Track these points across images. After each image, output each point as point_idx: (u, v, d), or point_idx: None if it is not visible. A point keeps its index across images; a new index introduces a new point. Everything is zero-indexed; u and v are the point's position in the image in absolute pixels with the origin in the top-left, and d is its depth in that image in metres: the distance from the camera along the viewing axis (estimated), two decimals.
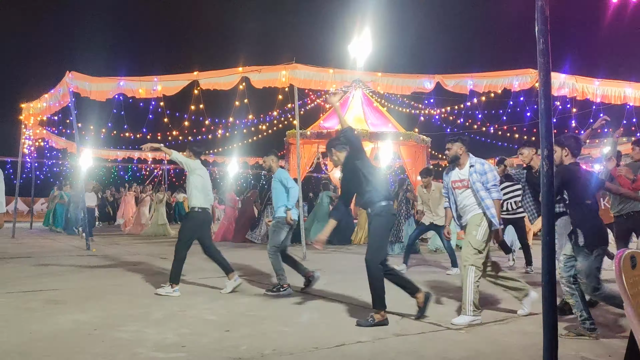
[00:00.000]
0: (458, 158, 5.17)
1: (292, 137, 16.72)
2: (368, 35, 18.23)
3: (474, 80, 12.22)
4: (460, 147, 5.16)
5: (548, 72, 3.11)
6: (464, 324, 4.78)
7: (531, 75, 11.48)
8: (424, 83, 12.44)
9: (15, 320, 4.80)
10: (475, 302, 4.83)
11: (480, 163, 5.15)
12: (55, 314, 5.06)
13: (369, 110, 18.19)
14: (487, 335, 4.49)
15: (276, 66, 11.37)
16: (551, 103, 3.17)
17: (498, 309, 5.48)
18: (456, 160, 5.18)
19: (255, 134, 22.32)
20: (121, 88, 11.56)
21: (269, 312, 5.28)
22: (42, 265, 8.55)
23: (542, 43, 3.07)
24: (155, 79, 11.59)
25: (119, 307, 5.44)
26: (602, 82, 12.55)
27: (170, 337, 4.30)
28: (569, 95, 12.50)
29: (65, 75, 11.75)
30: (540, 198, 5.13)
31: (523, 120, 17.85)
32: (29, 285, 6.62)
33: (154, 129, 17.59)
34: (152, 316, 5.03)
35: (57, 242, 13.51)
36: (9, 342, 4.12)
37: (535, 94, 12.50)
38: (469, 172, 5.11)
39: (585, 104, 13.98)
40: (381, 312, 4.80)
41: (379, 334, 4.44)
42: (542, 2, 3.05)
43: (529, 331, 4.56)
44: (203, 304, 5.59)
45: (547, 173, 3.08)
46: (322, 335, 4.45)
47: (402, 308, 5.40)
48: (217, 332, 4.48)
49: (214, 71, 11.72)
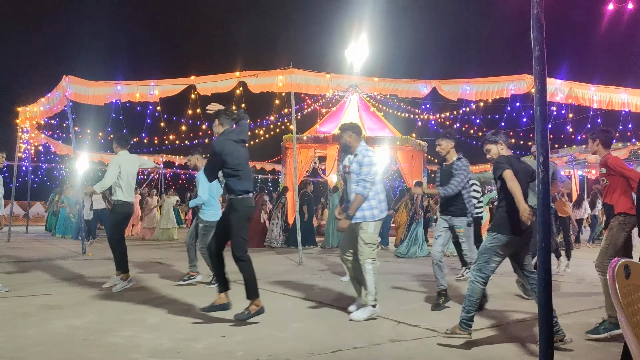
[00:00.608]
0: (349, 147, 5.43)
1: (288, 142, 16.75)
2: (365, 40, 18.33)
3: (470, 85, 12.26)
4: (350, 135, 5.43)
5: (544, 79, 3.13)
6: (363, 318, 5.08)
7: (527, 81, 11.52)
8: (420, 88, 12.47)
9: (10, 325, 4.77)
10: (376, 295, 5.14)
11: (363, 155, 5.33)
12: (50, 319, 5.03)
13: (366, 115, 18.25)
14: (483, 340, 4.48)
15: (273, 71, 11.39)
16: (547, 110, 3.19)
17: (491, 315, 5.48)
18: (347, 148, 5.47)
19: (252, 138, 22.33)
20: (118, 92, 11.54)
21: (265, 317, 5.25)
22: (37, 270, 8.51)
23: (537, 51, 3.09)
24: (153, 84, 11.59)
25: (114, 312, 5.43)
26: (598, 88, 12.61)
27: (165, 343, 4.28)
28: (564, 102, 12.55)
29: (62, 79, 11.73)
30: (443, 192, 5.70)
31: (519, 125, 17.91)
32: (23, 289, 6.59)
33: (151, 133, 17.57)
34: (148, 321, 5.02)
35: (53, 246, 13.46)
36: (3, 348, 4.10)
37: (531, 99, 12.54)
38: (353, 160, 5.36)
39: (581, 110, 14.06)
40: (256, 301, 4.94)
41: (375, 340, 4.44)
42: (538, 10, 3.08)
43: (524, 337, 4.56)
44: (198, 309, 5.57)
45: (542, 180, 3.09)
46: (318, 340, 4.44)
47: (398, 314, 5.41)
48: (213, 338, 4.47)
49: (211, 76, 11.73)
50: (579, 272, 8.92)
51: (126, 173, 6.82)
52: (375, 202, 5.30)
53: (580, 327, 4.86)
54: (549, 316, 3.05)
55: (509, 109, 14.94)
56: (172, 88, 11.65)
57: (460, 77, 12.62)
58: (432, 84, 12.37)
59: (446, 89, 12.41)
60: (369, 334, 4.65)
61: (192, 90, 11.46)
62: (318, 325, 4.97)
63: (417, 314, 5.46)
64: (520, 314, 5.50)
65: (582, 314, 5.55)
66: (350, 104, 18.35)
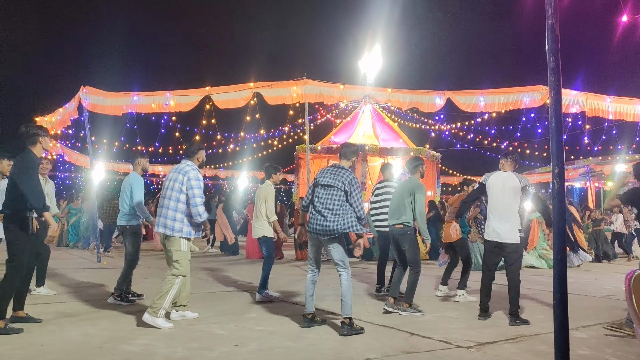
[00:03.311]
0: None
1: (302, 152, 16.78)
2: (378, 51, 18.37)
3: (484, 96, 12.24)
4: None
5: (559, 91, 3.13)
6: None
7: (542, 92, 11.47)
8: (435, 99, 12.47)
9: (26, 333, 4.82)
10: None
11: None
12: (66, 327, 5.08)
13: (380, 126, 18.23)
14: (497, 353, 4.45)
15: (287, 82, 11.49)
16: (562, 121, 3.18)
17: (507, 326, 5.43)
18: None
19: (266, 148, 22.45)
20: (135, 103, 11.70)
21: (278, 327, 5.27)
22: (53, 278, 8.60)
23: (552, 61, 3.09)
24: (168, 94, 11.74)
25: (129, 320, 5.46)
26: (614, 99, 12.52)
27: (179, 352, 4.30)
28: (579, 112, 12.48)
29: (80, 90, 11.92)
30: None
31: (534, 136, 17.81)
32: (39, 297, 6.66)
33: (165, 143, 17.75)
34: (162, 330, 5.04)
35: (68, 254, 13.59)
36: (19, 355, 4.15)
37: (546, 110, 12.48)
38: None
39: (597, 121, 13.94)
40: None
41: (387, 351, 4.42)
42: (553, 22, 3.08)
43: (540, 350, 4.51)
44: (211, 318, 5.59)
45: (558, 191, 3.08)
46: (330, 351, 4.43)
47: (410, 325, 5.38)
48: (226, 347, 4.48)
49: (225, 86, 11.85)
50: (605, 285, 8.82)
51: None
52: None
53: (596, 341, 4.80)
54: (565, 329, 3.01)
55: (524, 119, 14.88)
56: (187, 99, 11.79)
57: (475, 88, 12.61)
58: (446, 95, 12.37)
59: (460, 100, 12.40)
60: (382, 345, 4.63)
61: (207, 101, 11.58)
62: (331, 336, 4.96)
63: (429, 325, 5.43)
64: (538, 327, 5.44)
65: (599, 327, 5.47)
66: (364, 114, 18.38)
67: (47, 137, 5.21)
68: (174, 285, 5.22)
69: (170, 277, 5.23)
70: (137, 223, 6.67)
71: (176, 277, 5.24)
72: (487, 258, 5.96)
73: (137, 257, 6.63)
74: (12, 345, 4.39)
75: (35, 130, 5.13)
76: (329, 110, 19.05)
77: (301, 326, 5.25)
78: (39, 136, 5.09)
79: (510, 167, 5.91)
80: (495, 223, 5.77)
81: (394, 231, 6.28)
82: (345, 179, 5.14)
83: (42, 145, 5.13)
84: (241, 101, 11.61)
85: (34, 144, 5.07)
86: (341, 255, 5.17)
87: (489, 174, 5.98)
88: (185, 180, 5.29)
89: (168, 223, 5.28)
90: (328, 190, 5.19)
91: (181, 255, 5.28)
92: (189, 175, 5.31)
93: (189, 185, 5.27)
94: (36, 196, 4.86)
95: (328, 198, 5.16)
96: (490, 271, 5.90)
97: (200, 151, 5.63)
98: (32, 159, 4.99)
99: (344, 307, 5.05)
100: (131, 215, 6.61)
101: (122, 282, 6.46)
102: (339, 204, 5.11)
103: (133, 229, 6.64)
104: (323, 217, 5.11)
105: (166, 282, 5.22)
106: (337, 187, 5.14)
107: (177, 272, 5.25)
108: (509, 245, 5.70)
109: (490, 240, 5.83)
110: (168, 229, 5.28)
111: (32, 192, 4.83)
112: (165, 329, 5.05)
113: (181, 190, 5.29)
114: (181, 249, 5.29)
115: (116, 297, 6.39)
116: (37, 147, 5.09)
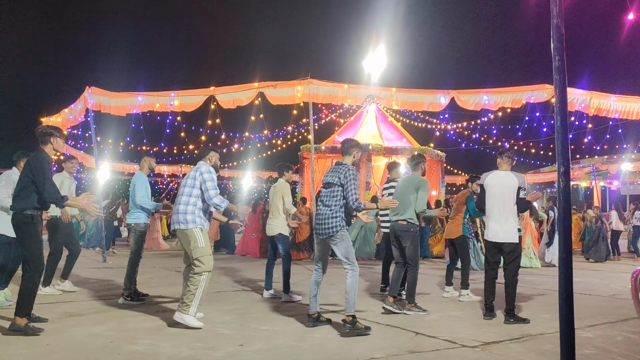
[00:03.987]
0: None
1: (306, 152, 16.79)
2: (382, 50, 18.35)
3: (489, 95, 12.20)
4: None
5: (564, 89, 3.12)
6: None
7: (547, 91, 11.43)
8: (439, 98, 12.43)
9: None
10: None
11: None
12: (71, 326, 5.10)
13: (384, 125, 18.22)
14: (503, 353, 4.43)
15: (291, 81, 11.48)
16: (567, 120, 3.17)
17: (513, 326, 5.41)
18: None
19: (270, 148, 22.47)
20: (140, 103, 11.72)
21: (283, 327, 5.27)
22: (57, 278, 8.62)
23: (557, 60, 3.08)
24: (173, 94, 11.76)
25: (134, 320, 5.48)
26: (619, 98, 12.45)
27: (184, 351, 4.31)
28: (585, 111, 12.42)
29: (85, 90, 11.96)
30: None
31: (539, 135, 17.75)
32: (44, 297, 6.68)
33: (170, 143, 17.78)
34: (167, 329, 5.06)
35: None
36: (24, 355, 4.16)
37: (551, 108, 12.43)
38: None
39: (602, 119, 13.88)
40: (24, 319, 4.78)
41: (392, 351, 4.41)
42: (558, 21, 3.07)
43: (546, 350, 4.50)
44: (216, 318, 5.60)
45: (563, 190, 3.07)
46: (335, 351, 4.43)
47: (416, 325, 5.37)
48: (231, 346, 4.48)
49: (230, 86, 11.86)
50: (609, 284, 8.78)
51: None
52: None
53: (602, 340, 4.78)
54: (570, 329, 3.00)
55: (527, 118, 14.82)
56: (192, 99, 11.80)
57: (479, 87, 12.57)
58: (450, 94, 12.33)
59: (465, 99, 12.37)
60: (387, 344, 4.62)
61: (212, 100, 11.60)
62: (336, 335, 4.95)
63: (434, 325, 5.42)
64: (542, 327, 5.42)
65: (605, 327, 5.45)
66: (368, 114, 18.36)
67: (59, 139, 5.21)
68: (201, 282, 5.20)
69: (195, 277, 5.20)
70: (143, 222, 6.72)
71: (201, 274, 5.22)
72: (489, 256, 5.97)
73: (139, 255, 6.67)
74: (17, 344, 4.41)
75: (49, 130, 5.17)
76: (333, 110, 19.04)
77: (306, 326, 5.25)
78: (52, 136, 5.11)
79: (507, 166, 5.89)
80: (494, 223, 5.76)
81: (396, 227, 6.25)
82: (341, 173, 5.18)
83: (53, 146, 5.14)
84: (245, 100, 11.62)
85: (45, 144, 5.11)
86: (345, 251, 5.17)
87: (487, 173, 5.97)
88: (197, 175, 5.38)
89: (180, 217, 5.33)
90: (328, 189, 5.27)
91: (201, 252, 5.27)
92: (200, 169, 5.42)
93: (202, 179, 5.35)
94: (52, 189, 4.89)
95: (327, 196, 5.25)
96: (493, 269, 5.89)
97: (210, 152, 5.70)
98: (43, 157, 5.01)
99: (346, 304, 5.06)
100: (137, 213, 6.67)
101: (128, 281, 6.50)
102: (337, 200, 5.16)
103: (138, 228, 6.69)
104: (321, 216, 5.20)
105: (192, 282, 5.19)
106: (334, 183, 5.20)
107: (200, 269, 5.22)
108: (507, 245, 5.70)
109: (489, 240, 5.83)
110: (181, 223, 5.32)
111: (49, 188, 4.86)
112: (195, 327, 5.04)
113: (194, 185, 5.37)
114: (198, 245, 5.27)
115: (126, 297, 6.41)
116: (48, 147, 5.12)
